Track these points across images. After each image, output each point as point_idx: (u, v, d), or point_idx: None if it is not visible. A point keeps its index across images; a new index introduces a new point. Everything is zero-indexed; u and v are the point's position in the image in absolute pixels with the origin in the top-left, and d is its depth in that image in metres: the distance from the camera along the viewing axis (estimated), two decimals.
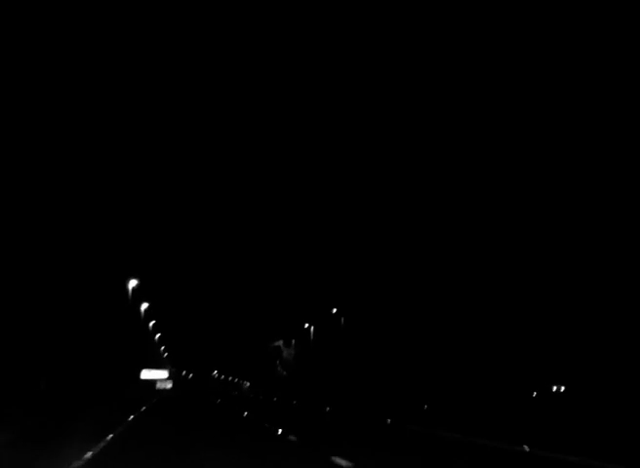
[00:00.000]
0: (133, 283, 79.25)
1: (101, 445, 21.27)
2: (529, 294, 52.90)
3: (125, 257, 74.39)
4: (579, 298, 49.30)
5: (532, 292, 52.67)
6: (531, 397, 50.69)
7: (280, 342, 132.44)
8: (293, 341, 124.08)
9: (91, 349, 62.27)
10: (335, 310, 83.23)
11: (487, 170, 55.45)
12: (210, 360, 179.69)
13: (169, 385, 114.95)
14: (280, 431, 29.43)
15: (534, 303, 52.54)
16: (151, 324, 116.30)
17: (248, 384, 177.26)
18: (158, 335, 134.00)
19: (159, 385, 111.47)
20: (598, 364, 47.07)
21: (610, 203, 47.47)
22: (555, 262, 51.17)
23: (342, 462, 18.56)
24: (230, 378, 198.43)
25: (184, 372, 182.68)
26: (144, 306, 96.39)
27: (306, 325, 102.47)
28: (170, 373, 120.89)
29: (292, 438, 26.33)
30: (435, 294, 62.17)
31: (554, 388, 52.17)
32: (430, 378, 61.16)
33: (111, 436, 24.22)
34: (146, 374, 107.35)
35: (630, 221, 46.24)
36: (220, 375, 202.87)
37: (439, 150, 59.27)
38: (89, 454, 18.50)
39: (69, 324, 56.32)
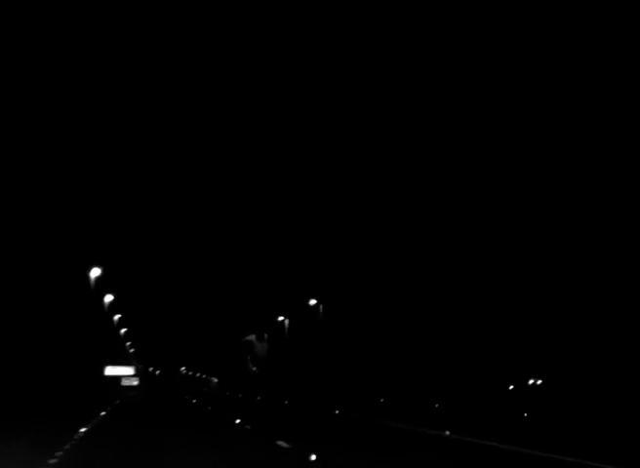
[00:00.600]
0: (96, 272, 74.07)
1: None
2: (504, 288, 53.53)
3: (87, 244, 70.04)
4: (555, 293, 50.02)
5: (507, 286, 53.36)
6: (507, 390, 51.84)
7: (252, 337, 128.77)
8: (265, 335, 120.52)
9: (45, 344, 57.53)
10: (314, 302, 79.13)
11: (466, 164, 56.22)
12: (178, 356, 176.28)
13: (135, 382, 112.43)
14: (310, 457, 21.29)
15: (510, 297, 53.05)
16: (116, 318, 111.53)
17: (216, 380, 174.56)
18: (124, 330, 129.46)
19: (124, 382, 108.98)
20: (575, 357, 47.62)
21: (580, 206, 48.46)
22: (531, 258, 52.07)
23: None
24: (199, 375, 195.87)
25: (152, 369, 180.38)
26: (109, 298, 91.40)
27: (281, 318, 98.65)
28: (136, 370, 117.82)
29: None
30: (416, 286, 62.08)
31: (531, 382, 52.66)
32: (414, 373, 60.80)
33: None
34: (111, 371, 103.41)
35: (605, 223, 47.08)
36: (188, 372, 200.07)
37: (415, 144, 59.93)
38: None
39: (21, 316, 51.48)
